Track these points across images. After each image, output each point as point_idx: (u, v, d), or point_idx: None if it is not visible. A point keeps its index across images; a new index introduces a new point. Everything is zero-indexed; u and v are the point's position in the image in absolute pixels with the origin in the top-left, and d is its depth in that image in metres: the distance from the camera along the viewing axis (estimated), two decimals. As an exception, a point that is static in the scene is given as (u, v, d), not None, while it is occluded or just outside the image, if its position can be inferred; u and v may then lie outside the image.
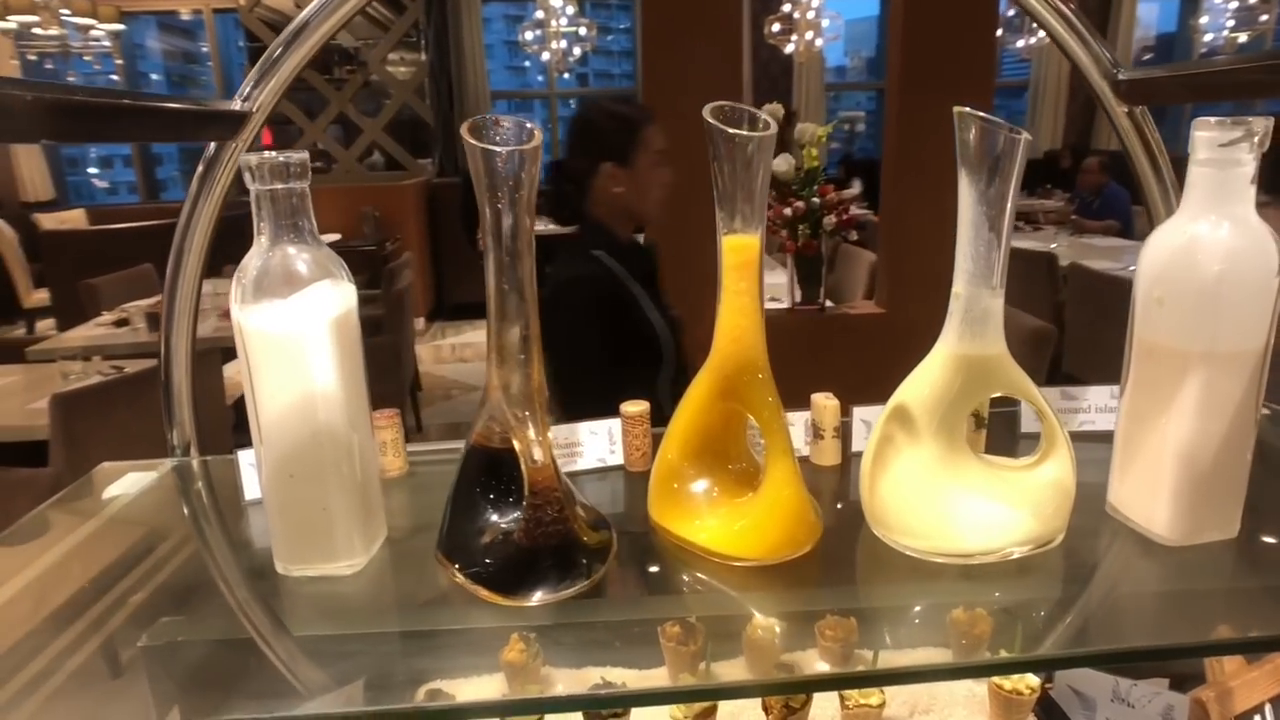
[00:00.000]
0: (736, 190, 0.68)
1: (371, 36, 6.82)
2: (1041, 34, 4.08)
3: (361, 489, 0.70)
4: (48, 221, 6.59)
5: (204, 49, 7.43)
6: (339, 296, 0.67)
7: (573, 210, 1.94)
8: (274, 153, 0.63)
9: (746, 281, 0.70)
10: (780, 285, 3.33)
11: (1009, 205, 0.65)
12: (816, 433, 0.88)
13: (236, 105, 0.88)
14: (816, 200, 3.03)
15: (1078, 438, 0.73)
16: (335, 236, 6.33)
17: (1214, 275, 0.64)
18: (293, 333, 0.64)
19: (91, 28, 6.04)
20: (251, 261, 0.65)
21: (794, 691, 0.85)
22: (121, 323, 4.07)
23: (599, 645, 0.63)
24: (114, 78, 7.16)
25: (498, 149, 0.62)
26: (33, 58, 5.96)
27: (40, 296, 5.98)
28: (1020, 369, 0.70)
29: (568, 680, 0.60)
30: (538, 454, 0.65)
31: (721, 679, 0.98)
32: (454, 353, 6.48)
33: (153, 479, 0.91)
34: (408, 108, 6.68)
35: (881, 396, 0.74)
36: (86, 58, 6.60)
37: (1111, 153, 6.87)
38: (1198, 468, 0.68)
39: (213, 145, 0.89)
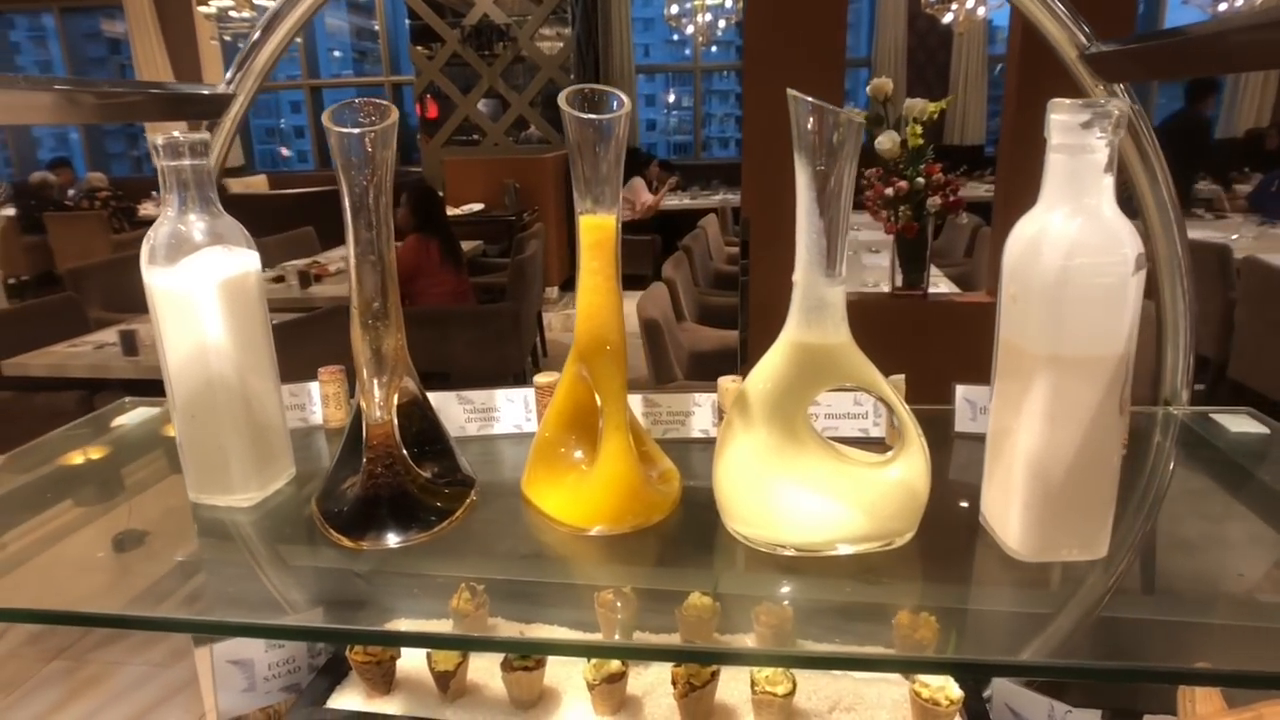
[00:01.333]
0: (591, 172, 0.70)
1: (524, 12, 7.06)
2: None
3: (257, 432, 0.78)
4: (235, 185, 7.35)
5: (375, 27, 7.98)
6: (233, 261, 0.75)
7: None
8: (176, 134, 0.72)
9: (600, 261, 0.72)
10: (883, 268, 3.21)
11: (844, 192, 0.63)
12: (723, 413, 0.88)
13: (220, 89, 0.98)
14: (921, 180, 2.89)
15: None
16: (478, 207, 6.66)
17: (1056, 272, 0.59)
18: (186, 291, 0.73)
19: (276, 9, 6.63)
20: (159, 228, 0.74)
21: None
22: (278, 279, 4.49)
23: (428, 595, 0.68)
24: (294, 56, 7.84)
25: (351, 130, 0.67)
26: (228, 38, 6.64)
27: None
28: (866, 360, 0.68)
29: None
30: (377, 413, 0.70)
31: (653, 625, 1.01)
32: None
33: (154, 414, 1.05)
34: (554, 82, 6.89)
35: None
36: (271, 37, 7.28)
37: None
38: (1049, 480, 0.63)
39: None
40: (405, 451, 0.72)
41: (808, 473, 0.68)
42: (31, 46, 10.71)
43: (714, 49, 8.10)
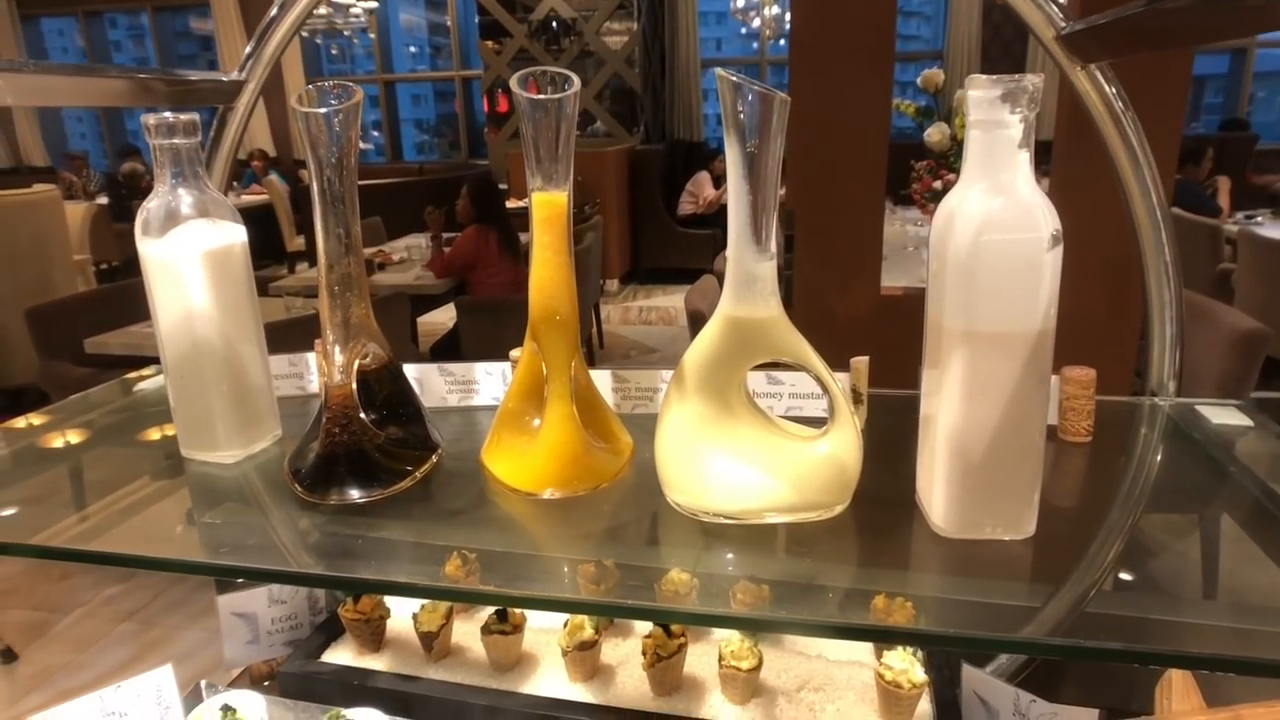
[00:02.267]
0: (543, 150, 0.73)
1: (591, 7, 7.14)
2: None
3: (241, 394, 0.84)
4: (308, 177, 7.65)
5: (447, 22, 8.19)
6: (218, 233, 0.81)
7: None
8: (167, 114, 0.78)
9: (551, 236, 0.75)
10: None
11: (772, 167, 0.65)
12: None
13: (233, 75, 1.05)
14: (970, 173, 2.83)
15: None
16: (540, 198, 6.76)
17: (967, 247, 0.60)
18: (174, 260, 0.79)
19: (351, 6, 6.91)
20: (151, 202, 0.80)
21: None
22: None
23: (384, 551, 0.72)
24: (369, 51, 8.10)
25: (317, 110, 0.72)
26: (305, 34, 6.91)
27: (299, 242, 6.98)
28: (799, 335, 0.69)
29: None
30: (338, 376, 0.75)
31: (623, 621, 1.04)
32: (640, 315, 6.72)
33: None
34: (620, 76, 6.95)
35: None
36: (346, 33, 7.58)
37: None
38: (968, 456, 0.64)
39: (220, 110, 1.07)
40: (364, 414, 0.76)
41: (739, 444, 0.70)
42: (130, 44, 11.34)
43: (781, 42, 8.03)
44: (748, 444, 0.70)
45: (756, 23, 7.12)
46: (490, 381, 0.98)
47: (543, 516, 0.76)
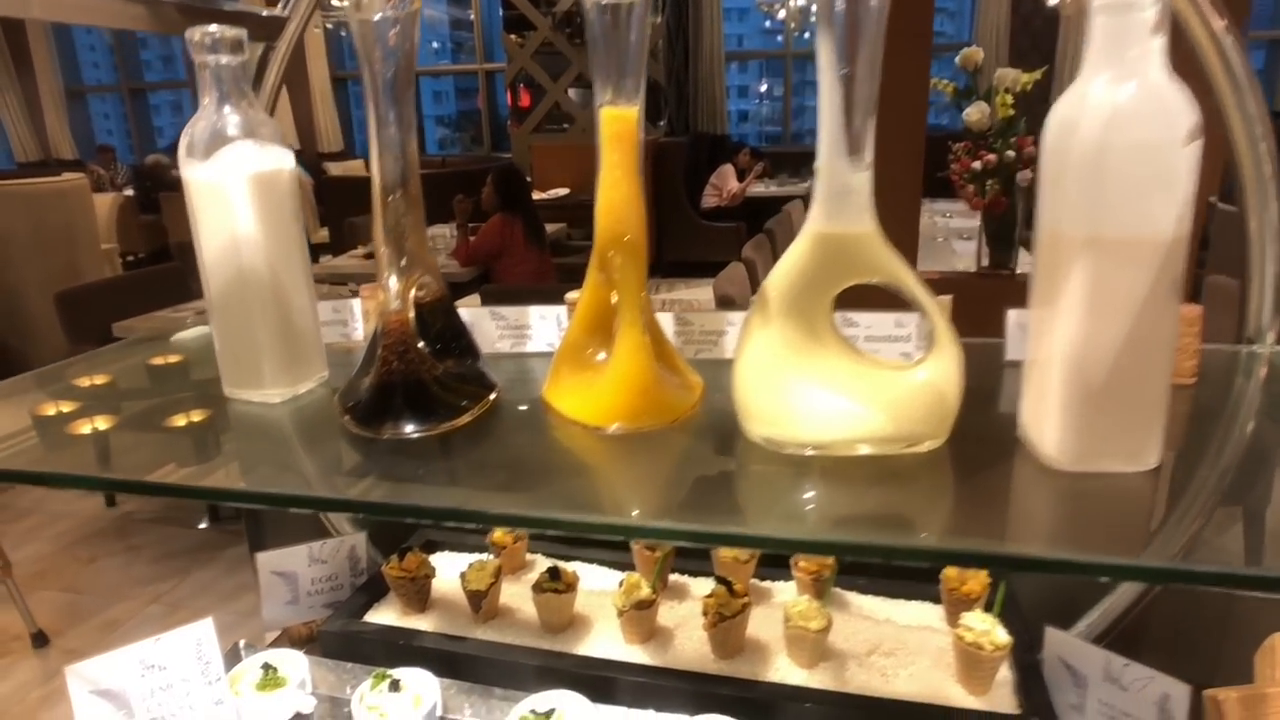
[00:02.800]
0: (612, 62, 0.68)
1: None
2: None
3: (287, 326, 0.80)
4: (334, 169, 7.66)
5: (470, 17, 8.16)
6: (266, 156, 0.77)
7: None
8: (213, 28, 0.74)
9: (620, 155, 0.71)
10: (974, 255, 3.07)
11: (871, 63, 0.60)
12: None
13: (276, 11, 1.01)
14: (1011, 153, 2.76)
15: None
16: (564, 191, 6.74)
17: (1095, 143, 0.54)
18: (220, 182, 0.75)
19: (376, -1, 6.88)
20: (196, 123, 0.76)
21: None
22: (369, 255, 4.68)
23: (441, 482, 0.68)
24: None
25: (374, 17, 0.67)
26: (329, 26, 6.91)
27: (323, 234, 6.99)
28: (896, 254, 0.64)
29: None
30: (393, 302, 0.70)
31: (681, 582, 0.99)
32: (664, 308, 6.66)
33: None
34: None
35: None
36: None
37: None
38: (1089, 379, 0.58)
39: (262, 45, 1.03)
40: (422, 343, 0.72)
41: (829, 370, 0.65)
42: (156, 43, 11.42)
43: (806, 36, 7.95)
44: (838, 370, 0.65)
45: (782, 14, 7.04)
46: (544, 326, 0.93)
47: (612, 452, 0.71)
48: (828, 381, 0.64)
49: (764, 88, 9.62)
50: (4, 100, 8.83)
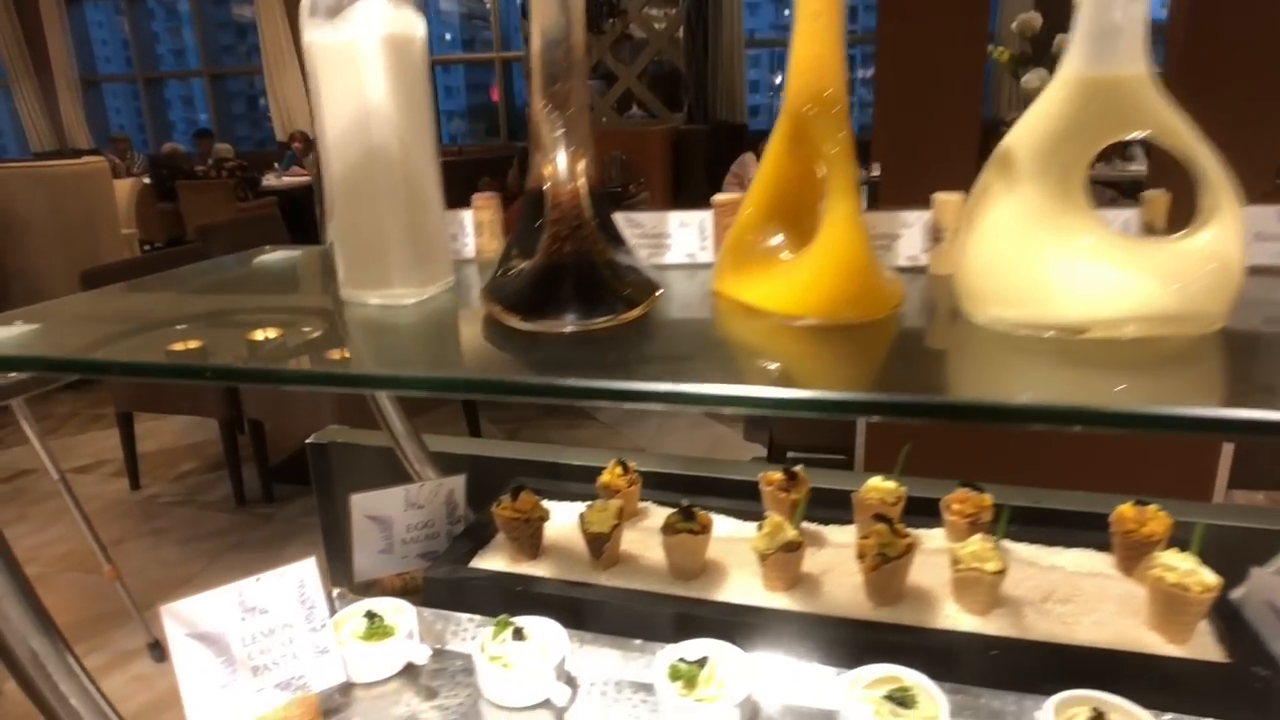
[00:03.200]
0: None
1: (635, -13, 7.00)
2: None
3: (418, 218, 0.70)
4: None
5: (487, 5, 8.08)
6: (399, 18, 0.67)
7: None
8: None
9: (820, 3, 0.61)
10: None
11: None
12: (936, 235, 0.76)
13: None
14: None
15: None
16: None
17: None
18: (348, 44, 0.65)
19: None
20: (321, -21, 0.67)
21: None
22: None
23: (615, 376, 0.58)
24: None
25: None
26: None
27: (341, 223, 6.91)
28: (1170, 104, 0.54)
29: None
30: (563, 174, 0.61)
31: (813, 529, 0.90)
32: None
33: (295, 254, 0.99)
34: (663, 57, 6.82)
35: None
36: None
37: None
38: None
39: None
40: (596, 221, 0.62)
41: (1088, 239, 0.55)
42: (167, 36, 11.37)
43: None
44: (1097, 239, 0.55)
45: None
46: (685, 234, 0.83)
47: (828, 343, 0.60)
48: (1088, 252, 0.55)
49: (778, 80, 9.53)
50: (20, 90, 8.77)
